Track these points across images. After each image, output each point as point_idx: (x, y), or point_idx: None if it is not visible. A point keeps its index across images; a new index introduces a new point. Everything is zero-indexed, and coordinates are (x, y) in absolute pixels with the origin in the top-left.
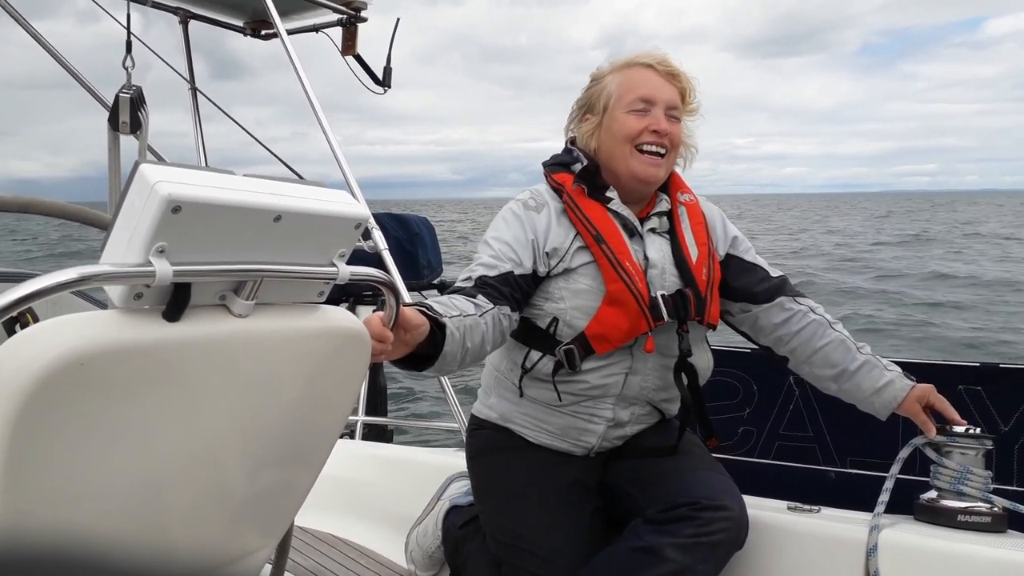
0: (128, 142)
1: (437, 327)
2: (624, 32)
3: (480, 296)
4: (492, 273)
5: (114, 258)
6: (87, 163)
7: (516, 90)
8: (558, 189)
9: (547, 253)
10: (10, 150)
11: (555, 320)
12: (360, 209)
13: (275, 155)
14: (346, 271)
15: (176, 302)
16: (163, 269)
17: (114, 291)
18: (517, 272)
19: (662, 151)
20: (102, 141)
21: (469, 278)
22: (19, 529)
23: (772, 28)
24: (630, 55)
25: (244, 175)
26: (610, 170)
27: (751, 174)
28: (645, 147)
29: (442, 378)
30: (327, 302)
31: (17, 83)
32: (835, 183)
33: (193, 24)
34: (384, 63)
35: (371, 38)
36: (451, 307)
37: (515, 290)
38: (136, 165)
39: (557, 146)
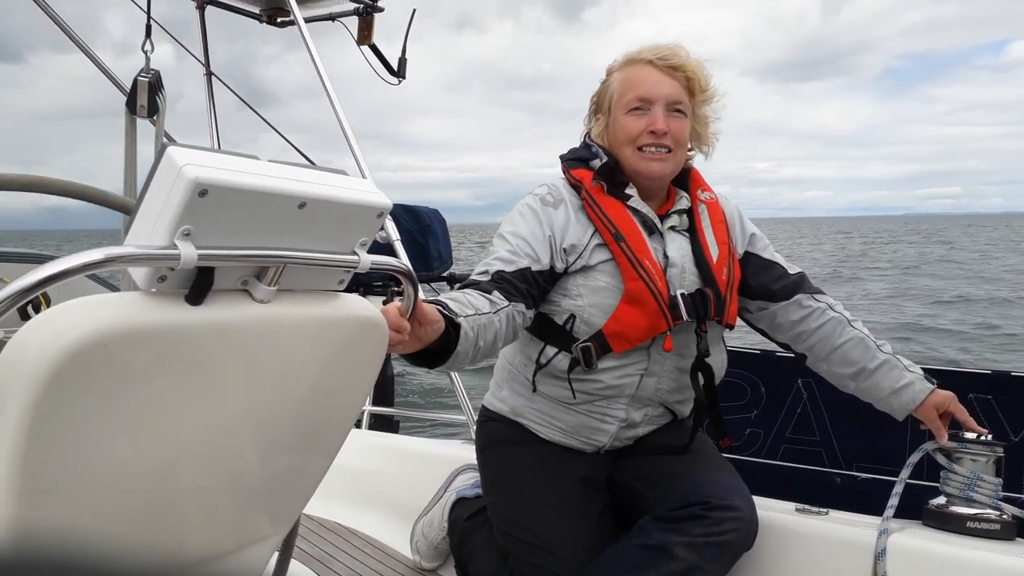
0: (144, 128)
1: (451, 326)
2: None
3: (496, 292)
4: (509, 268)
5: (139, 240)
6: (116, 190)
7: (537, 116)
8: (576, 185)
9: (564, 250)
10: None
11: (572, 317)
12: (382, 198)
13: (290, 142)
14: (367, 260)
15: (199, 286)
16: (188, 252)
17: (138, 273)
18: (535, 268)
19: (663, 151)
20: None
21: (486, 272)
22: (37, 509)
23: (793, 53)
24: (635, 50)
25: (269, 161)
26: (623, 167)
27: (771, 198)
28: (646, 148)
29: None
30: None
31: (48, 115)
32: (857, 206)
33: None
34: (399, 54)
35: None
36: (466, 304)
37: (532, 287)
38: (164, 148)
39: None
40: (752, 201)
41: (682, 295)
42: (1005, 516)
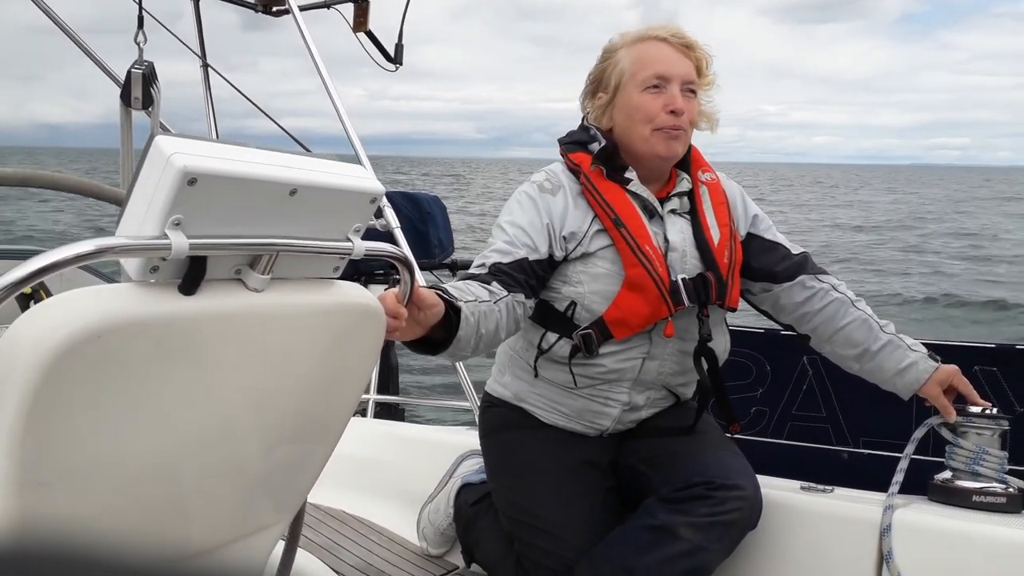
0: (140, 117)
1: (452, 311)
2: None
3: (494, 283)
4: (506, 260)
5: (130, 231)
6: (113, 110)
7: (545, 49)
8: (575, 170)
9: (564, 237)
10: (37, 94)
11: (573, 304)
12: (375, 184)
13: (285, 130)
14: (361, 246)
15: (192, 275)
16: (179, 242)
17: (130, 264)
18: (532, 258)
19: (678, 131)
20: None
21: (483, 264)
22: (38, 501)
23: None
24: (642, 27)
25: (258, 148)
26: (627, 149)
27: (779, 142)
28: (663, 128)
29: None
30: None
31: (43, 29)
32: (865, 154)
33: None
34: (396, 39)
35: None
36: (466, 292)
37: (530, 277)
38: (151, 137)
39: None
40: (760, 145)
41: (683, 280)
42: (1011, 489)
